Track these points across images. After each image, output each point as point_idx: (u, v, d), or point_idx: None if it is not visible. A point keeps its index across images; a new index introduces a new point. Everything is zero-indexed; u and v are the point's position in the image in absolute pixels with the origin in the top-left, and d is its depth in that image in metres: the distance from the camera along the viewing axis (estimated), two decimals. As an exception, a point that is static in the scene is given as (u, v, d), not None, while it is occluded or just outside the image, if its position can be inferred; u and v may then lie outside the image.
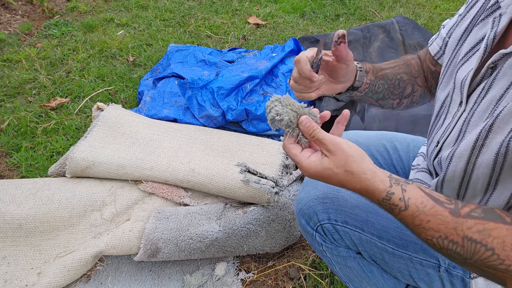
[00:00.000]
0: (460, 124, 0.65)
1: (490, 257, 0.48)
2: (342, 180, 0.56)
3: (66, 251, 1.17)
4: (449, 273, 0.75)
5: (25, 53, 2.19)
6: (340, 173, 0.55)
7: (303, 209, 0.84)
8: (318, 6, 2.73)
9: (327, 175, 0.56)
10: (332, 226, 0.80)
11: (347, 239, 0.81)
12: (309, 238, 0.87)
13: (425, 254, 0.76)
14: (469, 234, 0.50)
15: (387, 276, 0.84)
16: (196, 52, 1.96)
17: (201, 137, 1.48)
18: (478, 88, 0.62)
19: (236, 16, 2.64)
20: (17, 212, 1.16)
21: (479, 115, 0.60)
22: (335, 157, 0.55)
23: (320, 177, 0.57)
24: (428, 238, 0.53)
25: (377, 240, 0.79)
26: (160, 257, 1.16)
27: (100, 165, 1.26)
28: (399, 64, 0.88)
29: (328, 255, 0.85)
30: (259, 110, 1.56)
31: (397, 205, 0.55)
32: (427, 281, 0.78)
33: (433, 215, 0.52)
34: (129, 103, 1.87)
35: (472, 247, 0.49)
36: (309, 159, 0.57)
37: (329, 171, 0.56)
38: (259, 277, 1.20)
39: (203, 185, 1.26)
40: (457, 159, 0.62)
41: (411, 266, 0.78)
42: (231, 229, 1.16)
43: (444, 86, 0.77)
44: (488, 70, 0.61)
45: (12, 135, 1.68)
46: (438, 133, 0.74)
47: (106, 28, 2.47)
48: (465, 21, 0.72)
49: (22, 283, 1.11)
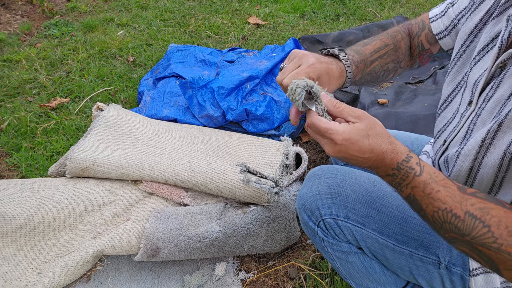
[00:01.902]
0: (468, 123, 0.66)
1: (485, 234, 0.50)
2: (373, 144, 0.58)
3: (66, 251, 1.17)
4: (449, 270, 0.75)
5: (25, 53, 2.19)
6: (372, 135, 0.58)
7: (305, 204, 0.84)
8: (318, 6, 2.73)
9: (360, 138, 0.58)
10: (334, 221, 0.81)
11: (349, 234, 0.81)
12: (310, 233, 0.87)
13: (425, 250, 0.76)
14: (471, 209, 0.52)
15: (388, 272, 0.84)
16: (196, 52, 1.96)
17: (201, 137, 1.48)
18: (487, 87, 0.62)
19: (236, 16, 2.64)
20: (17, 212, 1.16)
21: (486, 115, 0.61)
22: (365, 121, 0.59)
23: (352, 142, 0.58)
24: (435, 210, 0.55)
25: (378, 235, 0.79)
26: (160, 257, 1.16)
27: (100, 165, 1.26)
28: (388, 51, 0.87)
29: (329, 251, 0.85)
30: (259, 110, 1.56)
31: (414, 169, 0.57)
32: (427, 278, 0.78)
33: (443, 186, 0.55)
34: (129, 103, 1.87)
35: (472, 223, 0.51)
36: (340, 124, 0.59)
37: (363, 133, 0.58)
38: (259, 277, 1.20)
39: (203, 185, 1.26)
40: (463, 157, 0.63)
41: (412, 263, 0.78)
42: (231, 229, 1.16)
43: (450, 80, 0.76)
44: (497, 70, 0.60)
45: (12, 135, 1.68)
46: (445, 132, 0.75)
47: (106, 28, 2.47)
48: (478, 14, 0.71)
49: (22, 283, 1.11)
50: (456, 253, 0.74)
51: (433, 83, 1.86)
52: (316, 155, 1.63)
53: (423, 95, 1.70)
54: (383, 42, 0.86)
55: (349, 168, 0.88)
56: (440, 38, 0.84)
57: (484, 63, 0.65)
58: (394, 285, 0.85)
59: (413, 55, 0.90)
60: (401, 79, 1.93)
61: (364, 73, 0.84)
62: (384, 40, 0.87)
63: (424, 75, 1.92)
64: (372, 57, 0.84)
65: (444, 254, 0.74)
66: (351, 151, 0.58)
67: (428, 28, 0.85)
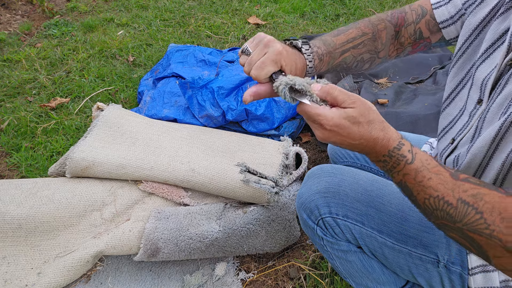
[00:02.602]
0: (477, 121, 0.65)
1: (478, 221, 0.49)
2: (362, 131, 0.57)
3: (66, 251, 1.17)
4: (448, 269, 0.75)
5: (25, 53, 2.19)
6: (363, 122, 0.57)
7: (304, 203, 0.84)
8: (318, 6, 2.73)
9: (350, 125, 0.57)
10: (333, 219, 0.81)
11: (348, 233, 0.81)
12: (309, 232, 0.87)
13: (424, 249, 0.76)
14: (463, 196, 0.51)
15: (387, 271, 0.84)
16: (196, 52, 1.96)
17: (201, 137, 1.48)
18: (496, 86, 0.61)
19: (236, 16, 2.64)
20: (17, 212, 1.16)
21: (494, 111, 0.60)
22: (359, 108, 0.58)
23: (341, 128, 0.58)
24: (426, 197, 0.54)
25: (377, 234, 0.79)
26: (160, 257, 1.16)
27: (100, 165, 1.26)
28: (365, 41, 0.82)
29: (328, 250, 0.85)
30: (259, 110, 1.56)
31: (406, 157, 0.57)
32: (426, 277, 0.78)
33: (435, 173, 0.55)
34: (129, 103, 1.87)
35: (464, 210, 0.51)
36: (331, 109, 0.58)
37: (353, 120, 0.57)
38: (259, 277, 1.20)
39: (203, 185, 1.26)
40: (473, 155, 0.62)
41: (411, 261, 0.78)
42: (231, 229, 1.16)
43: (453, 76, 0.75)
44: (507, 67, 0.60)
45: (12, 135, 1.68)
46: (452, 130, 0.74)
47: (106, 28, 2.47)
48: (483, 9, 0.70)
49: (22, 283, 1.11)
50: (455, 252, 0.74)
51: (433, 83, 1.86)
52: (316, 155, 1.63)
53: (423, 95, 1.70)
54: (361, 31, 0.82)
55: (348, 168, 0.88)
56: (444, 27, 0.79)
57: (492, 61, 0.65)
58: (393, 285, 0.85)
59: (403, 44, 0.86)
60: (401, 79, 1.93)
61: (331, 65, 0.81)
62: (363, 28, 0.82)
63: (424, 75, 1.92)
64: (344, 47, 0.81)
65: (443, 252, 0.74)
66: (341, 136, 0.58)
67: (430, 15, 0.80)
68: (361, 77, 1.88)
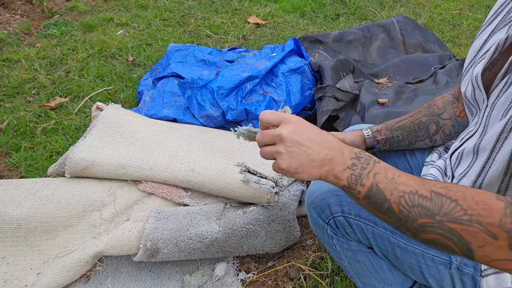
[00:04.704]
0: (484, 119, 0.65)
1: (454, 208, 0.50)
2: (322, 133, 0.60)
3: (66, 251, 1.17)
4: (460, 270, 0.74)
5: (25, 52, 2.19)
6: (315, 127, 0.61)
7: (315, 201, 0.83)
8: (318, 6, 2.73)
9: (309, 125, 0.60)
10: (345, 219, 0.80)
11: (360, 232, 0.80)
12: (319, 231, 0.86)
13: (437, 250, 0.75)
14: (434, 189, 0.52)
15: (396, 272, 0.84)
16: (196, 51, 1.96)
17: (201, 137, 1.48)
18: (501, 83, 0.61)
19: (236, 15, 2.63)
20: (16, 212, 1.16)
21: (499, 108, 0.60)
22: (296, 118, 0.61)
23: (305, 123, 0.60)
24: (400, 195, 0.54)
25: (390, 234, 0.78)
26: (159, 257, 1.15)
27: (100, 165, 1.26)
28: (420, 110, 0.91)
29: (338, 249, 0.85)
30: (259, 110, 1.56)
31: (372, 157, 0.58)
32: (438, 278, 0.77)
33: (400, 172, 0.56)
34: (129, 103, 1.87)
35: (439, 200, 0.51)
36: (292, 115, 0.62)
37: (305, 122, 0.60)
38: (259, 278, 1.19)
39: (203, 185, 1.25)
40: (481, 152, 0.62)
41: (423, 262, 0.77)
42: (231, 229, 1.16)
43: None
44: (511, 66, 0.60)
45: (11, 135, 1.67)
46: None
47: (105, 28, 2.47)
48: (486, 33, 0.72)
49: (21, 283, 1.11)
50: None
51: (434, 82, 1.85)
52: (316, 155, 1.62)
53: (423, 94, 1.70)
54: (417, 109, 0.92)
55: None
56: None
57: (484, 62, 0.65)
58: (400, 285, 0.85)
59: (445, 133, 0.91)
60: (401, 79, 1.93)
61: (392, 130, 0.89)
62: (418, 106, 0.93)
63: (424, 75, 1.92)
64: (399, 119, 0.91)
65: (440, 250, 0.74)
66: (309, 131, 0.59)
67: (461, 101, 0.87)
68: (361, 77, 1.88)
